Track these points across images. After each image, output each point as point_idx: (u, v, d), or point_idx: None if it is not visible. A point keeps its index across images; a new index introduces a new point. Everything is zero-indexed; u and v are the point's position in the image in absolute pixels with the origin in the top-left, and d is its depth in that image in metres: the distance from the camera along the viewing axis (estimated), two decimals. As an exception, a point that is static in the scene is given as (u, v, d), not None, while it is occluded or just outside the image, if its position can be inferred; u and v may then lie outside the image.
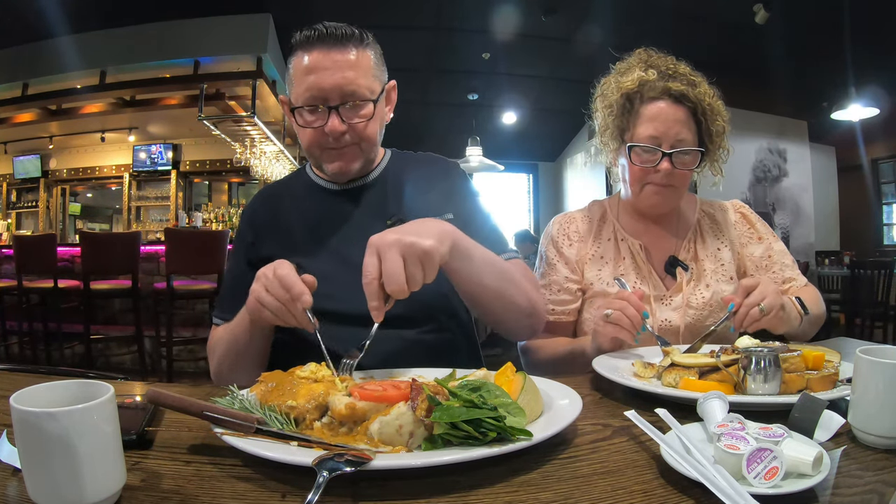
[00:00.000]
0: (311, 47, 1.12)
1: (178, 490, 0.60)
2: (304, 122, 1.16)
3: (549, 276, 1.41)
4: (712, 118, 1.30)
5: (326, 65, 1.11)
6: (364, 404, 0.71)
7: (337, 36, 1.12)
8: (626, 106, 1.33)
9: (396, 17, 5.42)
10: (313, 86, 1.11)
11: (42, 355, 4.70)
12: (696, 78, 1.32)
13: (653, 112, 1.29)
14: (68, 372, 1.81)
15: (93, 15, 4.92)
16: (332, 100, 1.13)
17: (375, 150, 1.26)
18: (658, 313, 1.31)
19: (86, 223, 8.73)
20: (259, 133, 6.31)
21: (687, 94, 1.28)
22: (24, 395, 0.57)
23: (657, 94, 1.29)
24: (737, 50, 5.52)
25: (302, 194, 1.31)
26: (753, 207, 1.56)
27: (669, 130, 1.27)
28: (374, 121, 1.18)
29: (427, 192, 1.27)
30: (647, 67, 1.32)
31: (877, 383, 0.69)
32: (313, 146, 1.19)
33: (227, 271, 1.36)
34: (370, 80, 1.16)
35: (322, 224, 1.25)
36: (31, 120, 6.46)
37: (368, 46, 1.17)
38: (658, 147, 1.28)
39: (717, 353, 0.93)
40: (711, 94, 1.31)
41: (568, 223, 1.45)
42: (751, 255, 1.41)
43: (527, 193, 10.08)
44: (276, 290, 0.92)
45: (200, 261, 4.22)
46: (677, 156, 1.28)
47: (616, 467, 0.66)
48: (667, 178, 1.29)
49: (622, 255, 1.39)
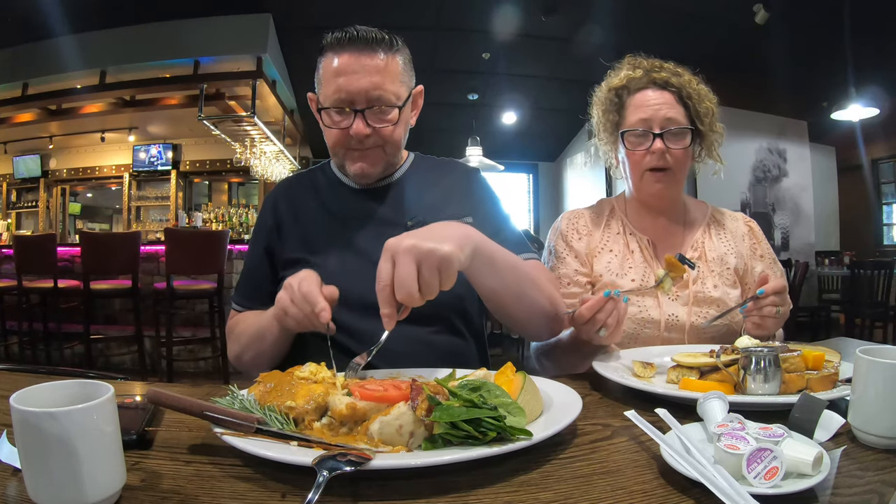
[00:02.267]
0: (342, 49, 1.14)
1: (178, 490, 0.60)
2: (330, 122, 1.18)
3: (559, 270, 1.42)
4: (699, 100, 1.36)
5: (355, 68, 1.13)
6: (364, 404, 0.72)
7: (367, 40, 1.14)
8: (615, 101, 1.41)
9: (396, 17, 5.41)
10: (341, 88, 1.13)
11: (42, 355, 4.70)
12: (680, 70, 1.39)
13: (640, 100, 1.36)
14: (68, 372, 1.82)
15: (93, 15, 4.92)
16: (358, 103, 1.15)
17: (399, 153, 1.29)
18: (665, 307, 1.33)
19: (86, 223, 8.73)
20: (259, 133, 6.30)
21: (670, 81, 1.35)
22: (24, 395, 0.57)
23: (643, 84, 1.37)
24: (737, 50, 5.52)
25: (325, 189, 1.33)
26: (753, 207, 1.59)
27: (657, 113, 1.33)
28: (398, 126, 1.20)
29: (448, 195, 1.29)
30: (635, 68, 1.40)
31: (877, 383, 0.69)
32: (338, 146, 1.21)
33: (247, 257, 1.38)
34: (397, 85, 1.17)
35: (342, 220, 1.27)
36: (31, 120, 6.46)
37: (398, 52, 1.19)
38: (649, 129, 1.33)
39: (717, 353, 0.93)
40: (696, 81, 1.38)
41: (577, 218, 1.48)
42: (752, 268, 1.43)
43: (527, 193, 10.08)
44: (300, 304, 0.97)
45: (200, 261, 4.23)
46: (668, 136, 1.32)
47: (616, 467, 0.66)
48: (662, 159, 1.33)
49: (630, 249, 1.41)
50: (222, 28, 5.34)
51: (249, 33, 5.39)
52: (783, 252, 6.97)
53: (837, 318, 6.31)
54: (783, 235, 7.16)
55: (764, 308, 1.12)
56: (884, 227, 8.08)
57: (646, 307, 1.33)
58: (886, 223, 8.07)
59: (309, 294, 0.97)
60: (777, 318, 1.12)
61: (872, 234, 8.01)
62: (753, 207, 6.91)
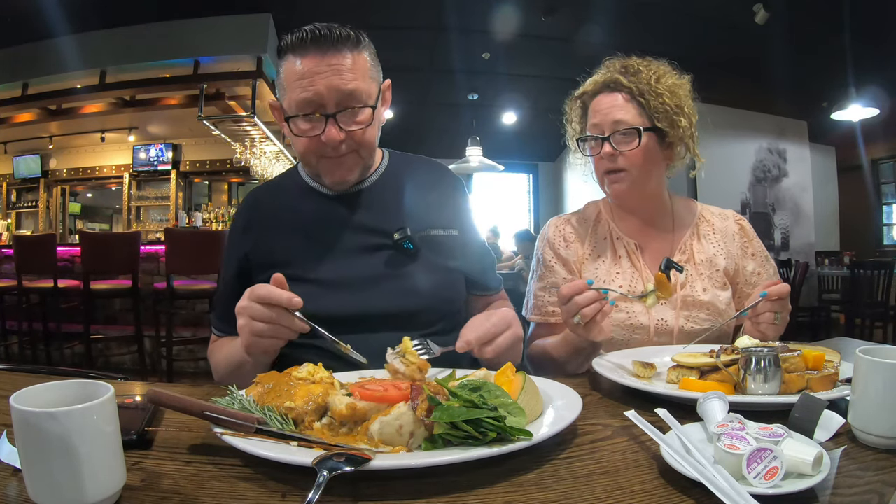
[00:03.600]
0: (305, 51, 1.07)
1: (178, 490, 0.60)
2: (299, 130, 1.11)
3: (548, 279, 1.42)
4: (654, 97, 1.31)
5: (321, 70, 1.06)
6: (364, 404, 0.72)
7: (332, 39, 1.06)
8: (579, 110, 1.43)
9: (396, 17, 5.41)
10: (308, 92, 1.06)
11: (42, 355, 4.71)
12: (643, 67, 1.34)
13: (595, 106, 1.37)
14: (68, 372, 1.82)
15: (93, 15, 4.91)
16: (328, 107, 1.08)
17: (374, 155, 1.23)
18: (654, 313, 1.32)
19: (86, 223, 8.73)
20: (259, 133, 6.31)
21: (620, 81, 1.33)
22: (24, 395, 0.57)
23: (598, 89, 1.36)
24: (737, 50, 5.52)
25: (297, 198, 1.25)
26: (753, 207, 1.58)
27: (606, 117, 1.33)
28: (372, 126, 1.14)
29: (432, 204, 1.27)
30: (607, 70, 1.38)
31: (877, 383, 0.69)
32: (309, 155, 1.14)
33: (221, 276, 1.31)
34: (368, 83, 1.11)
35: (318, 229, 1.21)
36: (31, 120, 6.45)
37: (364, 48, 1.12)
38: (600, 134, 1.34)
39: (717, 353, 0.93)
40: (658, 77, 1.33)
41: (563, 225, 1.46)
42: (743, 267, 1.41)
43: (527, 193, 10.08)
44: (263, 314, 0.91)
45: (200, 261, 4.22)
46: (616, 137, 1.32)
47: (616, 467, 0.66)
48: (613, 161, 1.32)
49: (618, 255, 1.40)
50: (222, 28, 5.33)
51: (249, 33, 5.38)
52: (783, 252, 6.98)
53: (837, 318, 6.31)
54: (783, 235, 7.16)
55: (763, 315, 1.09)
56: (884, 227, 8.08)
57: (634, 313, 1.32)
58: (886, 223, 8.07)
59: (266, 296, 0.90)
60: (777, 326, 1.10)
61: (872, 234, 8.01)
62: (753, 207, 6.91)
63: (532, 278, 1.47)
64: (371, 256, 1.19)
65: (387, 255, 1.19)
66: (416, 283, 1.17)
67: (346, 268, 1.17)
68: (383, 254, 1.19)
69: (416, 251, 1.19)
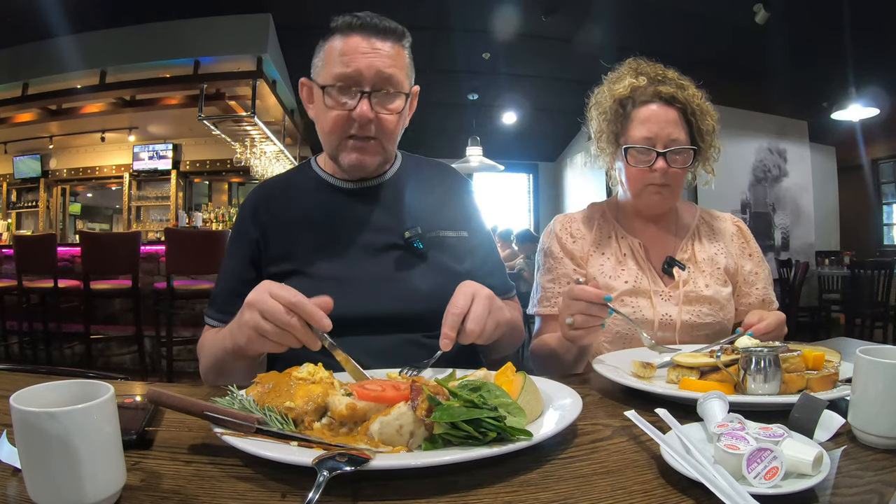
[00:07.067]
0: (353, 32, 1.12)
1: (178, 490, 0.60)
2: (332, 102, 1.12)
3: (557, 270, 1.42)
4: (702, 118, 1.36)
5: (365, 50, 1.10)
6: (364, 404, 0.71)
7: (380, 27, 1.12)
8: (619, 111, 1.39)
9: (396, 17, 5.36)
10: (349, 68, 1.09)
11: (42, 355, 4.70)
12: (685, 82, 1.38)
13: (645, 115, 1.34)
14: (68, 372, 1.81)
15: (93, 15, 4.92)
16: (365, 83, 1.11)
17: (394, 149, 1.25)
18: (658, 307, 1.34)
19: (86, 223, 8.73)
20: (259, 133, 6.31)
21: (676, 97, 1.34)
22: (24, 395, 0.57)
23: (648, 97, 1.35)
24: (737, 50, 5.52)
25: (310, 190, 1.25)
26: (753, 208, 1.60)
27: (662, 131, 1.32)
28: (400, 117, 1.17)
29: (442, 205, 1.28)
30: (638, 75, 1.38)
31: (877, 383, 0.69)
32: (336, 131, 1.14)
33: (224, 269, 1.25)
34: (404, 75, 1.16)
35: (332, 223, 1.21)
36: (31, 120, 6.46)
37: (406, 45, 1.18)
38: (653, 147, 1.32)
39: (718, 353, 0.94)
40: (700, 95, 1.38)
41: (570, 221, 1.48)
42: (742, 267, 1.45)
43: (527, 193, 10.08)
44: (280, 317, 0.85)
45: (200, 261, 4.22)
46: (671, 155, 1.32)
47: (616, 467, 0.66)
48: (663, 177, 1.33)
49: (623, 252, 1.42)
50: (222, 28, 5.34)
51: (249, 33, 5.38)
52: (783, 252, 6.98)
53: (837, 318, 6.32)
54: (783, 235, 7.15)
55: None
56: (884, 227, 8.08)
57: (639, 307, 1.34)
58: (886, 223, 8.07)
59: (297, 305, 0.84)
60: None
61: (872, 234, 8.02)
62: (753, 207, 6.91)
63: (538, 273, 1.47)
64: (380, 255, 1.19)
65: (395, 256, 1.19)
66: (422, 285, 1.17)
67: (353, 266, 1.17)
68: (392, 254, 1.19)
69: (424, 251, 1.20)
